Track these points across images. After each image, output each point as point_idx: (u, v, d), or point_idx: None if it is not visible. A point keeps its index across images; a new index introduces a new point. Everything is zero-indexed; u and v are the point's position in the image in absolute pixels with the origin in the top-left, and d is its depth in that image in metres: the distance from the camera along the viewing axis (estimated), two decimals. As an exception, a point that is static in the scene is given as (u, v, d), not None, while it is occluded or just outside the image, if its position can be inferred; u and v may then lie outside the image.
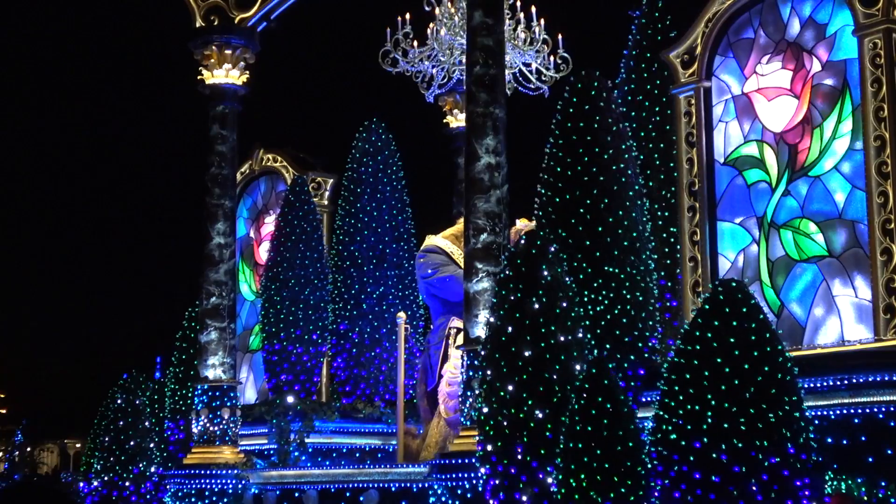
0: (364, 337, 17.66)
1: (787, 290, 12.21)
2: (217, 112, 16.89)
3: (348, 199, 18.08)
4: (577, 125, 12.09)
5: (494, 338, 11.17)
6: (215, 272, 16.47)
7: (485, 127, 12.65)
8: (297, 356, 17.27)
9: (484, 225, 12.47)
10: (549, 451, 10.71)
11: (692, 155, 12.92)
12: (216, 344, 16.28)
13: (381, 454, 17.60)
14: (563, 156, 12.10)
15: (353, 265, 17.81)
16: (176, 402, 17.37)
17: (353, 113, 19.56)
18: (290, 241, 17.52)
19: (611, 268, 11.75)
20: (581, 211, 11.85)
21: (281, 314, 17.31)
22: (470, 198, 12.58)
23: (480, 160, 12.57)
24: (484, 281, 12.38)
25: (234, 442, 16.23)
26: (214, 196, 16.67)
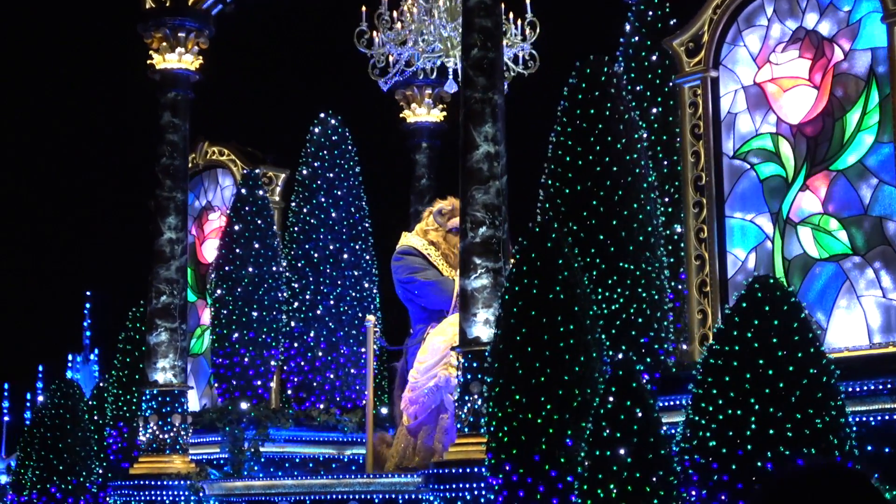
0: (320, 340, 16.72)
1: (805, 290, 11.60)
2: (168, 99, 15.83)
3: (303, 196, 17.13)
4: (587, 112, 11.34)
5: (507, 337, 10.35)
6: (166, 269, 15.41)
7: (483, 114, 11.84)
8: (249, 360, 16.25)
9: (483, 218, 11.65)
10: (569, 460, 9.93)
11: (698, 148, 12.26)
12: (166, 346, 15.21)
13: (336, 464, 16.66)
14: (573, 144, 11.34)
15: (308, 265, 16.87)
16: (119, 407, 16.21)
17: (304, 106, 18.60)
18: (242, 238, 16.52)
19: (626, 264, 11.01)
20: (594, 203, 11.09)
21: (233, 316, 16.29)
22: (467, 189, 11.76)
23: (479, 149, 11.75)
24: (483, 277, 11.57)
25: (185, 451, 15.18)
26: (165, 188, 15.60)
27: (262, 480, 13.28)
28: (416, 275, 14.80)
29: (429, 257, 14.91)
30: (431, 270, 14.81)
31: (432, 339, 14.67)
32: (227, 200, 18.52)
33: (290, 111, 19.09)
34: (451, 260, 14.93)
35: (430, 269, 14.80)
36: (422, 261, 14.91)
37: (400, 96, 18.32)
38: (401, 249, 15.03)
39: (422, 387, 14.57)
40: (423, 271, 14.77)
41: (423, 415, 14.43)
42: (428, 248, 14.91)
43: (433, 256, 14.90)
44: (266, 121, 18.93)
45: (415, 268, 14.82)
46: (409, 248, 14.93)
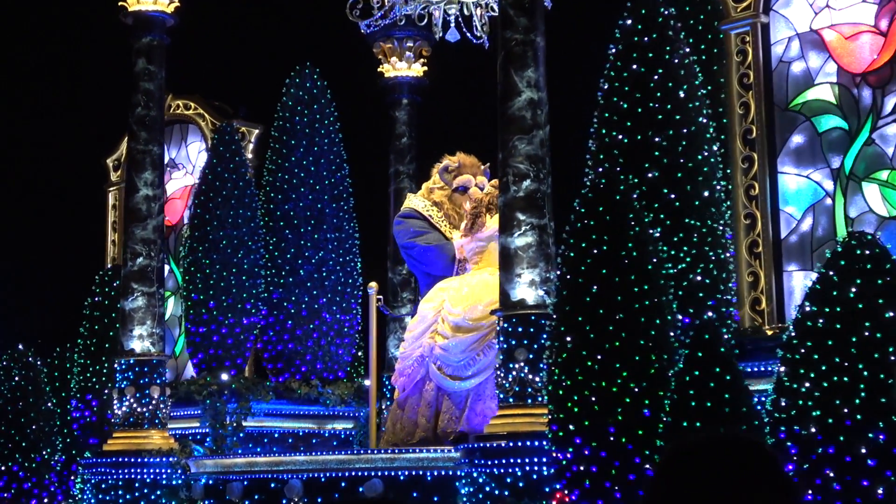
0: (301, 307, 15.62)
1: (874, 250, 10.84)
2: (143, 44, 14.57)
3: (280, 153, 15.97)
4: (645, 56, 10.45)
5: (574, 299, 9.43)
6: (142, 229, 14.19)
7: (524, 57, 10.91)
8: (228, 328, 15.09)
9: (527, 170, 10.73)
10: (647, 432, 9.07)
11: (747, 99, 11.45)
12: (143, 312, 14.01)
13: (316, 440, 15.62)
14: (630, 90, 10.44)
15: (288, 226, 15.74)
16: (87, 378, 14.94)
17: (276, 58, 17.42)
18: (220, 198, 15.32)
19: (692, 220, 10.15)
20: (656, 154, 10.19)
21: (210, 280, 15.10)
22: (508, 139, 10.82)
23: (521, 95, 10.83)
24: (528, 235, 10.65)
25: (164, 425, 14.01)
26: (140, 141, 14.37)
27: (269, 456, 12.18)
28: (416, 239, 13.82)
29: (430, 219, 13.93)
30: (433, 234, 13.84)
31: (421, 307, 13.76)
32: (195, 158, 17.30)
33: (262, 63, 17.89)
34: (455, 221, 13.99)
35: (431, 232, 13.82)
36: (423, 223, 13.92)
37: (378, 49, 17.23)
38: (402, 213, 14.02)
39: (408, 356, 13.67)
40: (424, 235, 13.79)
41: (409, 387, 13.52)
42: (430, 209, 13.93)
43: (435, 218, 13.92)
44: (235, 73, 17.69)
45: (416, 232, 13.84)
46: (411, 211, 13.94)
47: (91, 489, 13.68)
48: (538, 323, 10.48)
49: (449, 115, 17.82)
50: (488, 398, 12.42)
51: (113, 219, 18.09)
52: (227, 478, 12.41)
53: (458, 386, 12.84)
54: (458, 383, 12.80)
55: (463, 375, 12.85)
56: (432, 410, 13.00)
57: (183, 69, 14.95)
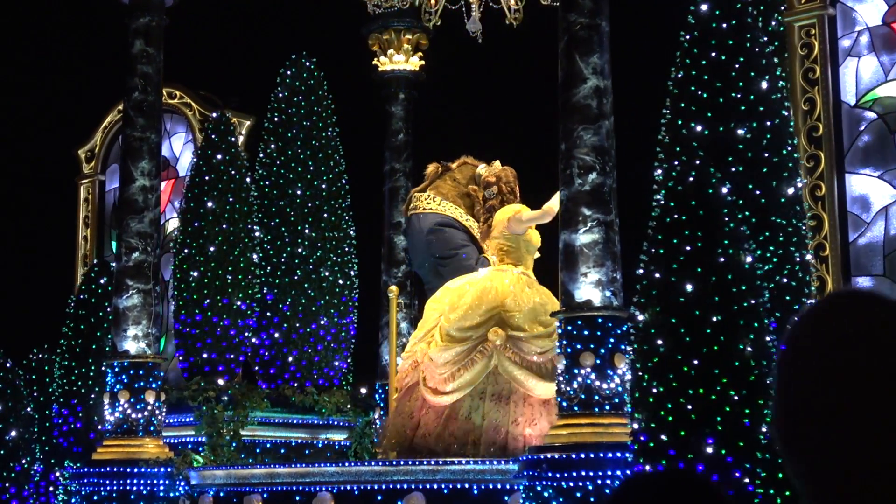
0: (297, 310, 14.74)
1: (955, 255, 10.35)
2: (140, 25, 13.61)
3: (276, 145, 15.11)
4: (724, 43, 9.81)
5: (667, 299, 8.73)
6: (138, 221, 13.21)
7: (590, 42, 10.22)
8: (222, 329, 14.16)
9: (592, 162, 10.03)
10: (748, 444, 8.40)
11: (813, 95, 10.88)
12: (139, 310, 13.03)
13: (309, 450, 14.73)
14: (710, 79, 9.77)
15: (284, 223, 14.87)
16: (72, 382, 13.88)
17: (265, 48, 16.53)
18: (215, 190, 14.40)
19: (777, 218, 9.51)
20: (740, 147, 9.54)
21: (204, 279, 14.16)
22: (572, 129, 10.11)
23: (586, 83, 10.13)
24: (594, 232, 9.94)
25: (159, 433, 13.05)
26: (137, 127, 13.39)
27: (296, 467, 11.29)
28: (458, 251, 12.93)
29: (471, 230, 13.06)
30: (471, 247, 12.97)
31: (427, 307, 12.97)
32: (178, 150, 16.32)
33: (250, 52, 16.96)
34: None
35: (470, 245, 12.96)
36: (465, 236, 13.03)
37: (374, 41, 16.41)
38: (441, 220, 13.06)
39: (406, 360, 12.94)
40: (466, 247, 12.92)
41: (402, 392, 12.77)
42: (469, 220, 13.06)
43: (475, 230, 13.05)
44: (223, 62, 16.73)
45: (459, 244, 12.95)
46: (451, 220, 13.04)
47: (79, 501, 12.66)
48: (605, 326, 9.78)
49: (448, 111, 17.04)
50: (462, 418, 11.65)
51: (85, 213, 17.01)
52: (243, 490, 11.48)
53: (435, 400, 12.07)
54: (436, 398, 12.03)
55: (442, 390, 12.08)
56: (414, 421, 12.24)
57: (167, 56, 13.97)
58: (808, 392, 1.36)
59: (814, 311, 1.44)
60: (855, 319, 1.38)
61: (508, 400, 11.66)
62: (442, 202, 13.05)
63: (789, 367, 1.42)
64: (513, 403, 11.63)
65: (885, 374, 1.28)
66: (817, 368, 1.37)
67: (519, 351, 11.69)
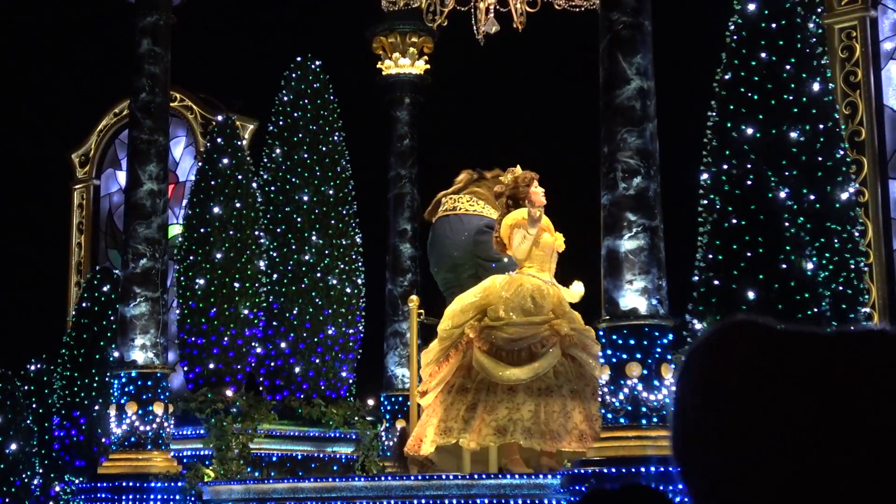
0: (304, 319, 14.31)
1: None
2: (147, 23, 13.17)
3: (281, 150, 14.70)
4: (774, 44, 9.53)
5: (727, 307, 8.42)
6: (146, 227, 12.75)
7: (633, 41, 9.88)
8: (230, 339, 13.71)
9: (637, 166, 9.68)
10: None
11: (854, 99, 10.62)
12: (147, 319, 12.57)
13: (315, 464, 14.30)
14: (760, 80, 9.49)
15: (290, 229, 14.45)
16: (75, 393, 13.38)
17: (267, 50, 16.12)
18: (221, 196, 13.96)
19: (833, 224, 9.22)
20: (793, 151, 9.25)
21: (211, 287, 13.72)
22: (615, 131, 9.77)
23: (630, 83, 9.78)
24: (640, 237, 9.59)
25: (167, 446, 12.59)
26: (145, 129, 12.94)
27: (318, 482, 10.86)
28: (503, 256, 12.51)
29: None
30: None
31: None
32: (178, 154, 15.86)
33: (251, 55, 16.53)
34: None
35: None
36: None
37: (377, 44, 16.02)
38: (489, 223, 12.55)
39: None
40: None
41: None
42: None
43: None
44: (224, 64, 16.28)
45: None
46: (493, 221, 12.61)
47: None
48: (652, 335, 9.43)
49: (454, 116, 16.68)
50: (429, 425, 11.04)
51: (79, 219, 16.50)
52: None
53: (422, 402, 11.59)
54: (421, 399, 11.55)
55: (423, 390, 11.58)
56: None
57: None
58: (699, 421, 1.36)
59: (704, 340, 1.42)
60: (744, 347, 1.36)
61: (469, 390, 11.00)
62: (485, 206, 12.64)
63: (681, 396, 1.42)
64: (473, 391, 10.96)
65: (771, 402, 1.28)
66: (708, 397, 1.36)
67: (487, 339, 11.04)
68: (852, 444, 1.24)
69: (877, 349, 1.30)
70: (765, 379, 1.32)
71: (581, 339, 10.66)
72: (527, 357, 10.71)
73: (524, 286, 11.08)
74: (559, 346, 10.69)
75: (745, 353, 1.36)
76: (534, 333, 10.73)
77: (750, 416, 1.31)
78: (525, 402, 10.45)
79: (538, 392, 10.53)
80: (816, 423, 1.26)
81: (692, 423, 1.37)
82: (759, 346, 1.35)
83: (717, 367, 1.37)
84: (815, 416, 1.27)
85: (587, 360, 10.53)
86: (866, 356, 1.30)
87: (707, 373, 1.38)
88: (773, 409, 1.29)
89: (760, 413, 1.30)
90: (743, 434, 1.31)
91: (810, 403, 1.27)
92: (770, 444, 1.29)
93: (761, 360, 1.34)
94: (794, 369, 1.31)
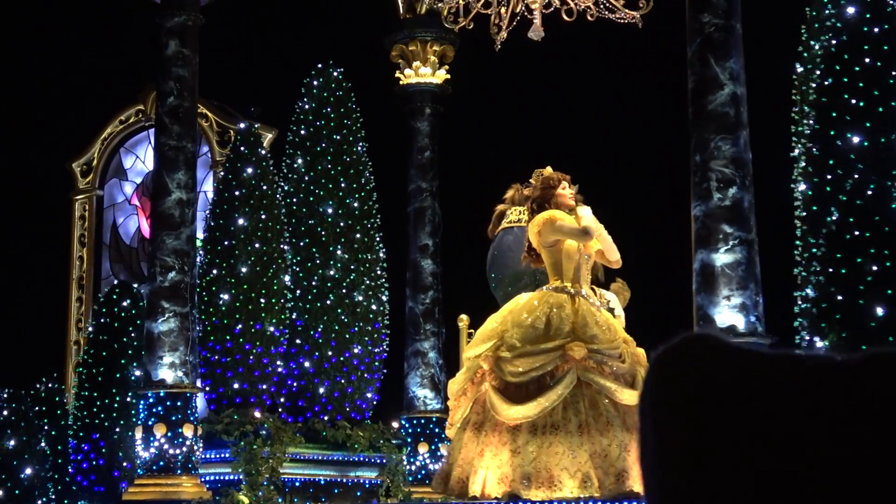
0: (330, 337, 13.66)
1: None
2: (175, 24, 12.51)
3: (303, 160, 14.06)
4: (879, 49, 9.07)
5: (854, 323, 7.92)
6: (175, 238, 12.07)
7: (726, 45, 9.43)
8: (255, 357, 13.02)
9: (732, 175, 9.21)
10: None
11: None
12: (176, 335, 11.88)
13: (338, 489, 13.64)
14: (865, 87, 9.01)
15: (314, 243, 13.80)
16: (94, 414, 12.61)
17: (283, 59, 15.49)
18: (247, 206, 13.28)
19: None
20: (907, 160, 8.78)
21: (236, 303, 13.02)
22: (708, 138, 9.29)
23: (723, 89, 9.34)
24: (736, 251, 9.11)
25: (196, 469, 11.89)
26: (173, 135, 12.27)
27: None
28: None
29: None
30: None
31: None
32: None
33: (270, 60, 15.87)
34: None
35: None
36: None
37: (397, 52, 15.43)
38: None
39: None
40: None
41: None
42: None
43: None
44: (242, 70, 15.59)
45: None
46: None
47: (112, 547, 11.45)
48: (751, 354, 8.89)
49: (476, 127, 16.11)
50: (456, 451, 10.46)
51: (80, 232, 15.69)
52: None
53: (448, 432, 10.98)
54: (446, 432, 10.93)
55: (449, 422, 10.97)
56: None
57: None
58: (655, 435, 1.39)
59: (659, 356, 1.41)
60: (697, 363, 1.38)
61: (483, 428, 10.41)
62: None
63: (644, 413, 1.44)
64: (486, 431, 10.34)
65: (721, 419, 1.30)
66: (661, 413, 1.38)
67: (499, 374, 10.35)
68: (800, 465, 1.29)
69: (828, 376, 1.32)
70: (716, 395, 1.33)
71: (602, 361, 9.96)
72: (535, 390, 9.86)
73: (540, 306, 10.35)
74: (574, 372, 9.93)
75: (699, 369, 1.36)
76: (543, 363, 9.90)
77: (700, 431, 1.33)
78: (528, 442, 9.55)
79: (542, 430, 9.62)
80: (765, 442, 1.30)
81: (648, 438, 1.39)
82: (713, 362, 1.35)
83: (670, 383, 1.37)
84: (765, 436, 1.30)
85: (606, 385, 9.74)
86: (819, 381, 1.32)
87: (661, 389, 1.38)
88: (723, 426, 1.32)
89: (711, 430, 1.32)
90: (693, 451, 1.33)
91: (760, 422, 1.30)
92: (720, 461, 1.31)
93: (714, 375, 1.34)
94: (745, 386, 1.33)
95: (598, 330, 9.96)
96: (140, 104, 15.43)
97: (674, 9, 9.90)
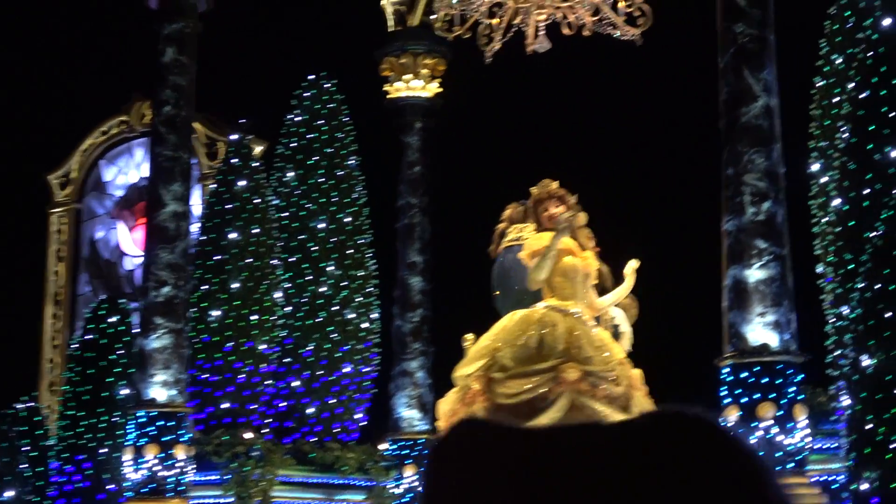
0: (320, 356, 13.26)
1: None
2: (171, 31, 12.11)
3: (294, 173, 13.68)
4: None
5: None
6: (170, 252, 11.64)
7: (760, 55, 9.22)
8: (246, 376, 12.59)
9: (766, 189, 8.98)
10: None
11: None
12: (169, 353, 11.44)
13: (326, 513, 13.22)
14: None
15: (305, 259, 13.41)
16: (78, 434, 12.09)
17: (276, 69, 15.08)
18: (239, 220, 12.87)
19: None
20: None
21: (227, 319, 12.59)
22: (741, 152, 9.06)
23: (757, 101, 9.12)
24: (770, 267, 8.86)
25: (186, 493, 11.43)
26: (168, 145, 11.86)
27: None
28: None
29: None
30: None
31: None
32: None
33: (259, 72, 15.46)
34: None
35: None
36: None
37: (386, 65, 15.08)
38: None
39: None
40: None
41: None
42: None
43: None
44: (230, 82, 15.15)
45: None
46: None
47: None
48: (785, 372, 8.66)
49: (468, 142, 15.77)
50: None
51: (57, 246, 15.15)
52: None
53: None
54: None
55: None
56: None
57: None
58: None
59: (437, 442, 1.45)
60: (467, 447, 1.40)
61: None
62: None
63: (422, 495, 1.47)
64: None
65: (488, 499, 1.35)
66: (433, 496, 1.41)
67: (491, 395, 10.02)
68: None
69: (606, 442, 1.33)
70: (487, 479, 1.35)
71: (596, 384, 9.63)
72: (526, 413, 9.54)
73: (533, 325, 10.00)
74: (568, 395, 9.59)
75: (469, 457, 1.39)
76: (536, 385, 9.58)
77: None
78: None
79: None
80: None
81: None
82: (483, 448, 1.38)
83: (444, 475, 1.40)
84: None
85: (599, 410, 9.41)
86: (580, 451, 1.34)
87: (435, 481, 1.40)
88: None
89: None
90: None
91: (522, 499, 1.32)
92: None
93: (484, 462, 1.37)
94: (516, 466, 1.34)
95: (592, 351, 9.60)
96: (122, 115, 14.95)
97: (677, 20, 9.66)
